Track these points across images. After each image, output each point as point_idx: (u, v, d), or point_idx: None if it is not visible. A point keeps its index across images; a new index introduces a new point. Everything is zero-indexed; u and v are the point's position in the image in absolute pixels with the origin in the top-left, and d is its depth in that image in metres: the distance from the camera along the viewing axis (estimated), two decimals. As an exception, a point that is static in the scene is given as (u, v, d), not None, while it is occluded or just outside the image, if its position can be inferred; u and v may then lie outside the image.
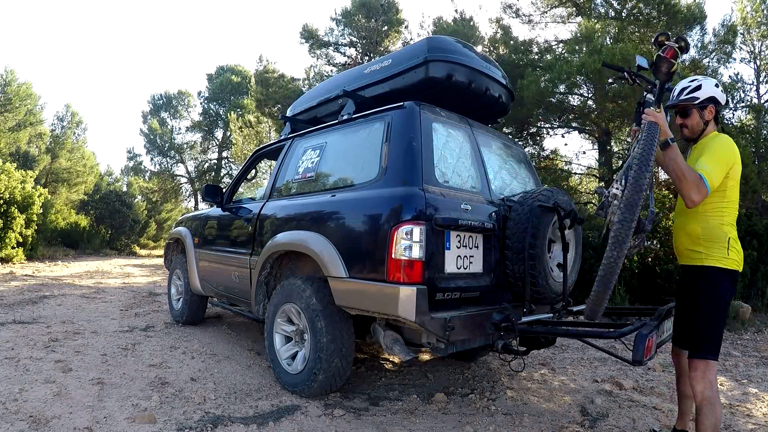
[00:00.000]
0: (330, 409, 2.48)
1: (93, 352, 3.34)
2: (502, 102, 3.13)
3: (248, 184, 14.87)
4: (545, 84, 6.91)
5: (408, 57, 2.81)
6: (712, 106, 2.09)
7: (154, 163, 25.46)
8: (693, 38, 8.23)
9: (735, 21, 8.84)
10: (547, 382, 3.20)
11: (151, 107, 26.02)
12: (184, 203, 26.96)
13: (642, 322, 2.00)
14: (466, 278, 2.38)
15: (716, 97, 2.07)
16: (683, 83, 2.13)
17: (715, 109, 2.09)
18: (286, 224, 2.85)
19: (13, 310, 4.85)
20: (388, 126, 2.48)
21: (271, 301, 2.86)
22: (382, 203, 2.29)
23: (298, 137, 3.29)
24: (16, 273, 8.82)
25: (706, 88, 2.07)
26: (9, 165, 11.22)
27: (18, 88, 16.48)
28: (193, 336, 4.02)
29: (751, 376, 3.52)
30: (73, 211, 17.77)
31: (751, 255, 6.01)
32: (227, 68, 25.38)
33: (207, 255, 3.85)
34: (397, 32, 12.90)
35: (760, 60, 9.42)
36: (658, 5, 7.72)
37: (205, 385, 2.80)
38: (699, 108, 2.09)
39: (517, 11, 9.31)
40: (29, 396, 2.44)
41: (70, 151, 19.26)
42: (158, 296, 6.53)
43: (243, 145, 17.44)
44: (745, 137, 6.93)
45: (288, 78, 12.86)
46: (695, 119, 2.11)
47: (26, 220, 11.26)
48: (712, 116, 2.10)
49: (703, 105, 2.08)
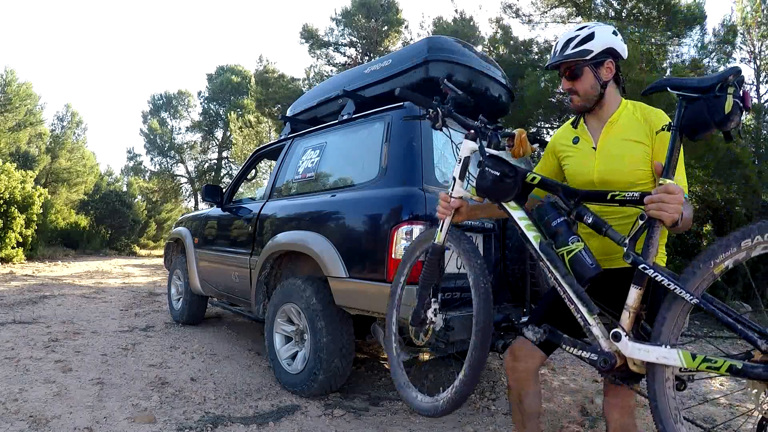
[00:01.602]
0: (330, 409, 2.48)
1: (93, 352, 3.34)
2: (502, 102, 3.13)
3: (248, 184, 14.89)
4: (545, 84, 6.91)
5: (408, 57, 2.81)
6: (611, 61, 1.49)
7: (154, 163, 25.49)
8: (693, 38, 8.24)
9: (735, 21, 8.85)
10: (547, 382, 3.20)
11: (151, 107, 26.03)
12: (184, 203, 26.98)
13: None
14: (466, 278, 2.38)
15: (615, 49, 1.48)
16: (569, 33, 1.53)
17: (614, 64, 1.51)
18: (286, 224, 2.86)
19: (13, 310, 4.85)
20: (388, 126, 2.48)
21: (271, 301, 2.86)
22: (382, 203, 2.29)
23: (298, 137, 3.29)
24: (16, 273, 8.82)
25: (601, 37, 1.47)
26: (9, 165, 11.23)
27: (18, 88, 16.49)
28: (193, 336, 4.02)
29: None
30: (73, 211, 17.77)
31: (751, 255, 6.02)
32: (227, 68, 25.38)
33: (207, 255, 3.85)
34: (397, 32, 12.90)
35: (760, 60, 9.41)
36: (658, 5, 7.73)
37: (205, 385, 2.80)
38: (593, 65, 1.48)
39: (517, 11, 9.31)
40: (29, 396, 2.44)
41: (70, 151, 19.27)
42: (158, 296, 6.53)
43: (243, 145, 17.46)
44: (745, 137, 6.93)
45: (288, 78, 12.87)
46: (588, 81, 1.50)
47: (26, 220, 11.27)
48: (612, 75, 1.51)
49: (599, 60, 1.48)
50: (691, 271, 1.15)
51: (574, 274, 1.33)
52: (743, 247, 1.07)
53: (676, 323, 1.18)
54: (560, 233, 1.37)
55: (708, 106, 1.15)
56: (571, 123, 1.62)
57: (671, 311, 1.18)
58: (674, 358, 1.14)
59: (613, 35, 1.49)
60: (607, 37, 1.48)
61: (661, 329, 1.19)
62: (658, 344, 1.17)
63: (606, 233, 1.31)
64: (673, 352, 1.14)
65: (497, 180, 1.46)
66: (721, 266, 1.10)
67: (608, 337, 1.28)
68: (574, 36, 1.51)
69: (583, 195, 1.38)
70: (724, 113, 1.13)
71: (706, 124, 1.16)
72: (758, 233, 1.05)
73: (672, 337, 1.17)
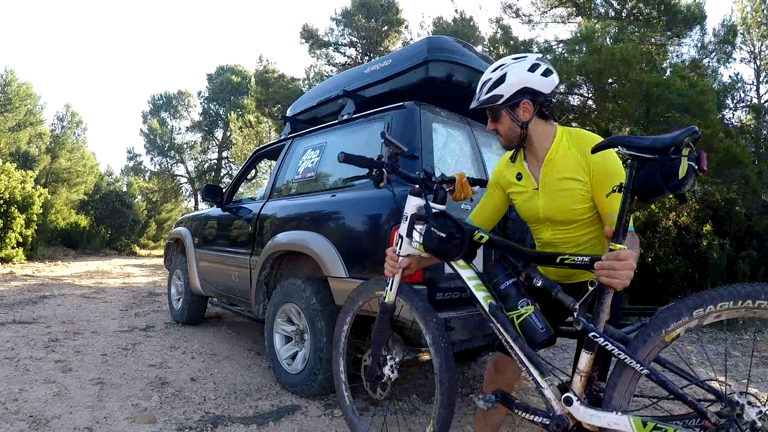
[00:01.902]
0: (330, 409, 2.48)
1: (93, 352, 3.34)
2: (502, 102, 3.13)
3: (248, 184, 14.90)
4: (545, 84, 6.91)
5: (408, 57, 2.81)
6: (527, 102, 1.42)
7: (154, 163, 25.50)
8: (693, 38, 8.25)
9: (735, 21, 8.86)
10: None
11: (151, 107, 26.04)
12: (184, 203, 26.98)
13: (642, 322, 2.00)
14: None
15: (530, 87, 1.41)
16: (485, 74, 1.49)
17: (533, 102, 1.43)
18: (286, 224, 2.86)
19: (13, 310, 4.85)
20: (388, 126, 2.48)
21: (271, 301, 2.86)
22: (382, 203, 2.29)
23: (298, 137, 3.29)
24: (16, 273, 8.82)
25: (512, 76, 1.41)
26: (9, 165, 11.23)
27: (18, 88, 16.49)
28: (193, 336, 4.02)
29: (751, 376, 3.52)
30: (73, 211, 17.77)
31: (750, 255, 6.01)
32: (227, 68, 25.39)
33: (207, 255, 3.85)
34: (397, 32, 12.91)
35: (760, 60, 9.42)
36: (658, 5, 7.73)
37: (205, 385, 2.80)
38: (508, 108, 1.45)
39: (517, 11, 9.33)
40: (29, 396, 2.44)
41: (70, 151, 19.28)
42: (158, 296, 6.53)
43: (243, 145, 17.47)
44: (745, 137, 6.93)
45: (288, 78, 12.88)
46: (506, 123, 1.47)
47: (26, 220, 11.27)
48: (531, 114, 1.43)
49: (513, 102, 1.44)
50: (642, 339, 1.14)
51: (525, 337, 1.31)
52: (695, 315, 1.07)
53: (627, 389, 1.18)
54: (510, 296, 1.34)
55: (661, 170, 1.08)
56: (510, 158, 1.57)
57: (621, 378, 1.18)
58: (625, 424, 1.14)
59: (528, 72, 1.41)
60: (520, 76, 1.41)
61: (612, 394, 1.18)
62: (610, 410, 1.17)
63: (556, 296, 1.29)
64: (624, 418, 1.14)
65: (443, 241, 1.43)
66: (672, 334, 1.11)
67: (560, 399, 1.27)
68: (488, 79, 1.47)
69: (531, 257, 1.35)
70: (677, 179, 1.05)
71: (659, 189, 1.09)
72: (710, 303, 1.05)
73: (624, 402, 1.18)
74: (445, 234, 1.41)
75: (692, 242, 6.16)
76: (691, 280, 5.96)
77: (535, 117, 1.45)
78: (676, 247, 6.17)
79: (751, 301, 1.01)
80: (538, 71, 1.42)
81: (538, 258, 1.34)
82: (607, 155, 1.34)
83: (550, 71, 1.44)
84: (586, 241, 1.47)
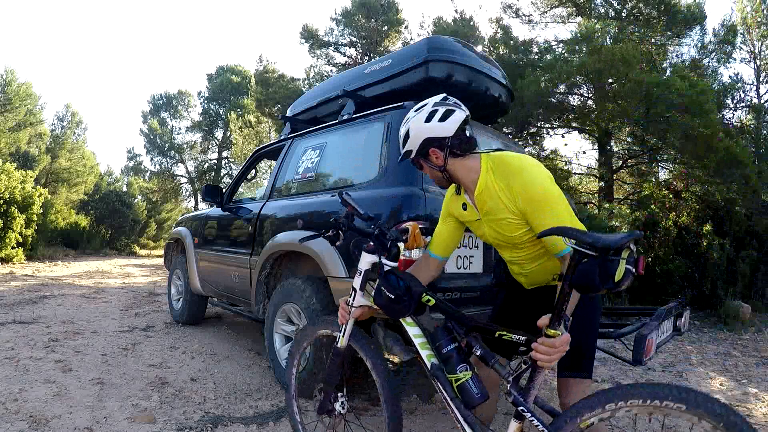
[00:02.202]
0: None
1: (93, 352, 3.34)
2: (502, 102, 3.13)
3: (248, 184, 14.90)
4: (545, 84, 6.92)
5: (408, 57, 2.81)
6: (434, 150, 1.47)
7: (154, 163, 25.50)
8: (693, 38, 8.25)
9: (735, 21, 8.86)
10: (547, 382, 3.20)
11: (151, 107, 26.03)
12: (184, 203, 26.98)
13: (642, 322, 2.00)
14: (465, 278, 2.38)
15: (430, 137, 1.46)
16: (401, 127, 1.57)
17: (440, 148, 1.47)
18: (286, 224, 2.85)
19: (13, 310, 4.85)
20: (388, 126, 2.48)
21: (271, 301, 2.86)
22: (382, 203, 2.29)
23: (298, 137, 3.29)
24: (16, 273, 8.82)
25: (413, 131, 1.50)
26: (9, 165, 11.23)
27: (18, 88, 16.49)
28: (193, 336, 4.02)
29: (751, 376, 3.52)
30: (73, 211, 17.77)
31: (750, 255, 6.01)
32: (227, 68, 25.40)
33: (207, 255, 3.85)
34: (397, 32, 12.90)
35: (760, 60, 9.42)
36: (658, 5, 7.74)
37: (205, 385, 2.80)
38: (423, 158, 1.52)
39: (517, 11, 9.33)
40: (29, 396, 2.44)
41: (70, 151, 19.28)
42: (158, 296, 6.54)
43: (243, 145, 17.48)
44: (745, 137, 6.93)
45: (288, 78, 12.87)
46: (428, 170, 1.55)
47: (26, 220, 11.27)
48: (443, 158, 1.48)
49: (423, 152, 1.50)
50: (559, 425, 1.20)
51: (462, 399, 1.37)
52: (607, 409, 1.14)
53: None
54: (451, 360, 1.39)
55: (600, 269, 1.10)
56: (455, 190, 1.61)
57: None
58: None
59: (426, 123, 1.46)
60: (418, 129, 1.48)
61: None
62: None
63: (492, 366, 1.33)
64: None
65: (392, 301, 1.48)
66: (586, 422, 1.17)
67: None
68: (400, 135, 1.56)
69: (472, 327, 1.40)
70: (613, 281, 1.08)
71: (595, 287, 1.11)
72: (621, 399, 1.12)
73: None
74: (393, 295, 1.47)
75: (692, 242, 6.16)
76: (691, 280, 5.96)
77: (450, 158, 1.48)
78: (676, 247, 6.17)
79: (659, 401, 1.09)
80: (435, 118, 1.46)
81: (480, 329, 1.39)
82: (529, 186, 1.36)
83: (450, 112, 1.46)
84: (541, 255, 1.51)
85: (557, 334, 1.19)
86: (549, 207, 1.34)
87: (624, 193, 8.90)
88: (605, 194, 8.06)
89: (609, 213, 6.31)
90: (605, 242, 1.08)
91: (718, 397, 2.98)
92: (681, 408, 1.07)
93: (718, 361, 3.88)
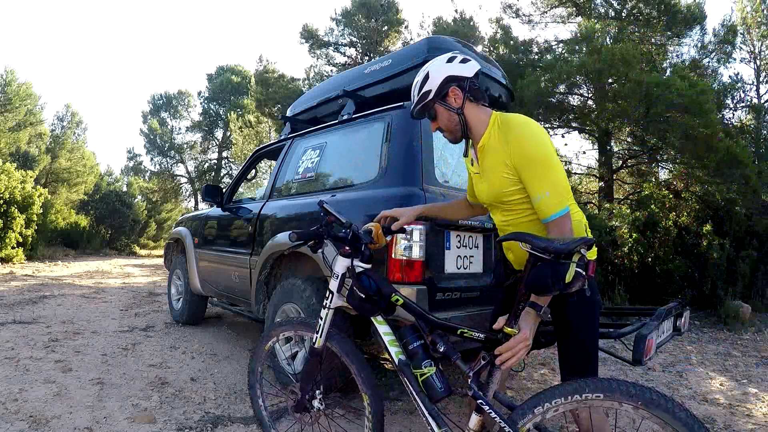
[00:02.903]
0: (330, 409, 2.47)
1: (93, 352, 3.34)
2: (502, 102, 3.13)
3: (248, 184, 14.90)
4: (545, 84, 6.92)
5: (408, 57, 2.81)
6: (454, 88, 1.50)
7: (154, 163, 25.52)
8: (693, 38, 8.25)
9: (735, 21, 8.86)
10: (547, 382, 3.21)
11: (151, 107, 26.05)
12: (184, 203, 26.99)
13: (642, 322, 2.00)
14: (466, 278, 2.38)
15: (452, 74, 1.50)
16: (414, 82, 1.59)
17: (460, 87, 1.50)
18: (286, 224, 2.86)
19: (13, 310, 4.85)
20: (388, 126, 2.48)
21: (271, 301, 2.86)
22: (382, 203, 2.29)
23: (298, 137, 3.29)
24: (16, 273, 8.82)
25: (434, 72, 1.52)
26: (9, 165, 11.24)
27: (18, 88, 16.50)
28: (193, 336, 4.02)
29: (751, 376, 3.52)
30: (73, 211, 17.78)
31: (750, 255, 6.01)
32: (227, 68, 25.41)
33: (207, 255, 3.85)
34: (397, 32, 12.91)
35: (760, 60, 9.43)
36: (658, 5, 7.73)
37: (205, 385, 2.80)
38: (440, 100, 1.52)
39: (517, 11, 9.33)
40: (29, 396, 2.44)
41: (70, 151, 19.29)
42: (158, 296, 6.54)
43: (243, 145, 17.48)
44: (745, 137, 6.93)
45: (288, 78, 12.87)
46: (444, 116, 1.54)
47: (26, 220, 11.27)
48: (462, 98, 1.51)
49: (443, 93, 1.51)
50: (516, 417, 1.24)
51: (426, 393, 1.46)
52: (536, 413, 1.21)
53: None
54: (417, 356, 1.47)
55: (552, 272, 1.18)
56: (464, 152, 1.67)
57: None
58: None
59: (447, 63, 1.52)
60: (441, 68, 1.52)
61: None
62: None
63: (455, 362, 1.42)
64: None
65: (363, 300, 1.57)
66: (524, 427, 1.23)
67: None
68: (415, 82, 1.58)
69: (436, 325, 1.47)
70: (564, 282, 1.16)
71: (548, 288, 1.19)
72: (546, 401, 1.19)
73: None
74: (364, 295, 1.55)
75: (692, 242, 6.16)
76: (691, 280, 5.96)
77: (467, 101, 1.52)
78: (676, 247, 6.17)
79: (578, 395, 1.15)
80: (456, 61, 1.52)
81: (443, 327, 1.47)
82: (524, 141, 1.40)
83: (467, 59, 1.54)
84: (527, 223, 1.52)
85: (514, 332, 1.28)
86: (543, 169, 1.38)
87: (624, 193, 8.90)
88: (605, 194, 8.06)
89: (609, 213, 6.31)
90: (557, 247, 1.17)
91: (718, 397, 2.98)
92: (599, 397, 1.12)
93: (718, 361, 3.88)
